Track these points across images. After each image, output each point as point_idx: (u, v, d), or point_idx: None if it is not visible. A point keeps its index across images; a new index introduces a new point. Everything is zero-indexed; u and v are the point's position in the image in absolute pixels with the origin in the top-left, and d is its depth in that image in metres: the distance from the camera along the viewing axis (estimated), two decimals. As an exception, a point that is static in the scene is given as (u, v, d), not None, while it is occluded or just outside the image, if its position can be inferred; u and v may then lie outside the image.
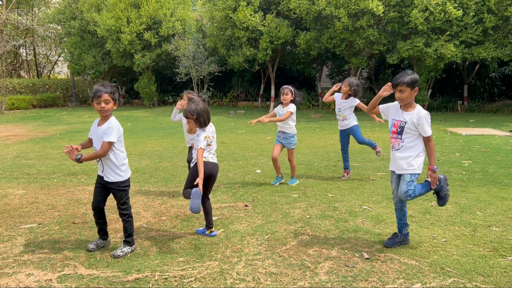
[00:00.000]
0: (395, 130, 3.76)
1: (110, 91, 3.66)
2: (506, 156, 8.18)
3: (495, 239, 4.00)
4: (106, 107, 3.64)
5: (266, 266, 3.50)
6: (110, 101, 3.66)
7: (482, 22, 14.77)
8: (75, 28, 22.84)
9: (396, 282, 3.21)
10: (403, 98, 3.66)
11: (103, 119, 3.74)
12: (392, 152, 3.83)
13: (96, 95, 3.64)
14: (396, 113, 3.81)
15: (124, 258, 3.71)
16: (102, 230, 3.97)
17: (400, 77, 3.65)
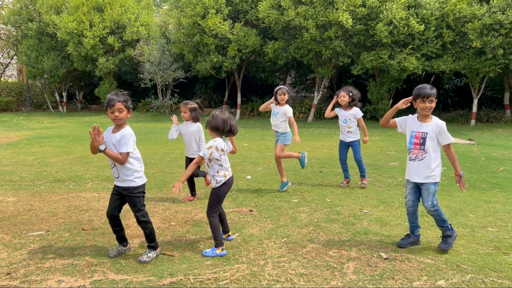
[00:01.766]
0: (417, 142, 3.98)
1: (123, 99, 3.68)
2: (474, 162, 8.75)
3: (494, 239, 4.33)
4: (120, 116, 3.66)
5: (294, 268, 3.63)
6: (123, 109, 3.67)
7: (441, 36, 15.66)
8: (33, 30, 22.01)
9: (421, 279, 3.42)
10: (431, 108, 3.90)
11: (118, 127, 3.74)
12: (413, 163, 4.03)
13: (110, 104, 3.65)
14: (415, 125, 4.03)
15: (150, 263, 3.71)
16: (120, 237, 3.95)
17: (428, 89, 3.88)
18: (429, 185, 3.97)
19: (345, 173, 6.74)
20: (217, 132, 4.01)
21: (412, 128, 4.03)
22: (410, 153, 4.07)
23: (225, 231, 4.30)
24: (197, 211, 5.27)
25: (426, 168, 3.96)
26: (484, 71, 15.45)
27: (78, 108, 25.51)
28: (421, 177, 3.99)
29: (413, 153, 4.04)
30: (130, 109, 3.75)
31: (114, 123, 3.72)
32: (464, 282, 3.38)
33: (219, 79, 22.00)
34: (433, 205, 3.94)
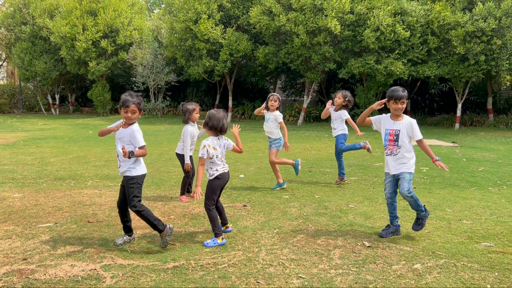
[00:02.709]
0: (391, 139, 4.40)
1: (137, 102, 4.04)
2: (456, 163, 9.21)
3: (468, 230, 4.74)
4: (132, 117, 4.05)
5: (286, 254, 4.00)
6: (136, 111, 4.05)
7: (426, 43, 16.22)
8: (26, 33, 22.20)
9: (400, 263, 3.81)
10: (403, 108, 4.32)
11: (126, 125, 4.11)
12: (389, 157, 4.45)
13: (125, 104, 4.00)
14: (388, 123, 4.47)
15: (155, 250, 4.05)
16: (126, 227, 4.27)
17: (400, 91, 4.31)
18: (404, 174, 4.37)
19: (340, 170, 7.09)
20: (215, 131, 4.38)
21: (386, 126, 4.46)
22: (386, 149, 4.48)
23: (224, 223, 4.64)
24: (194, 206, 5.62)
25: (401, 161, 4.38)
26: (467, 76, 16.03)
27: (70, 111, 25.68)
28: (397, 169, 4.40)
29: (388, 148, 4.46)
30: (141, 110, 4.11)
31: (126, 122, 4.09)
32: (438, 265, 3.78)
33: (211, 83, 22.36)
34: (409, 191, 4.31)
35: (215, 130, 4.39)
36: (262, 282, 3.40)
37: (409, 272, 3.63)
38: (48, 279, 3.42)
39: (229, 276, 3.51)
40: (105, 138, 13.03)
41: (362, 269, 3.67)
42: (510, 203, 5.90)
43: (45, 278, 3.43)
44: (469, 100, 20.02)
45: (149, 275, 3.51)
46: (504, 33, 15.14)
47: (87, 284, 3.34)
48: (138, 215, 4.09)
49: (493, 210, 5.53)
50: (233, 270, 3.63)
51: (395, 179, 4.49)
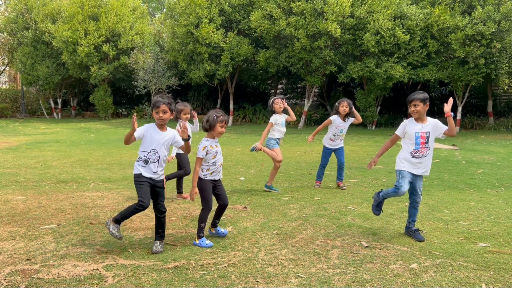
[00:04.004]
0: (423, 141, 4.44)
1: (168, 102, 4.12)
2: (455, 166, 9.27)
3: (465, 231, 4.81)
4: (164, 117, 4.10)
5: (285, 254, 4.06)
6: (167, 111, 4.11)
7: (426, 46, 16.31)
8: (28, 38, 22.37)
9: (397, 263, 3.88)
10: (417, 111, 4.40)
11: (162, 127, 4.19)
12: (420, 159, 4.47)
13: (156, 105, 4.10)
14: (417, 127, 4.48)
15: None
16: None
17: (413, 94, 4.44)
18: (421, 178, 4.56)
19: (321, 176, 7.19)
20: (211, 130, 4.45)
21: (416, 130, 4.47)
22: (418, 152, 4.46)
23: (213, 223, 4.64)
24: (195, 208, 5.69)
25: (429, 163, 4.52)
26: (467, 79, 16.11)
27: (72, 115, 25.81)
28: (427, 171, 4.53)
29: (420, 151, 4.46)
30: (173, 111, 4.18)
31: (158, 122, 4.17)
32: (434, 265, 3.84)
33: (212, 87, 22.48)
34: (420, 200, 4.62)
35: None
36: (261, 281, 3.47)
37: (406, 271, 3.69)
38: (51, 278, 3.49)
39: (229, 275, 3.57)
40: (107, 142, 13.13)
41: (359, 269, 3.74)
42: (507, 205, 5.96)
43: (48, 277, 3.50)
44: (470, 103, 20.09)
45: (150, 274, 3.58)
46: (503, 36, 15.23)
47: (90, 284, 3.41)
48: (164, 215, 4.22)
49: (490, 212, 5.59)
50: (232, 269, 3.70)
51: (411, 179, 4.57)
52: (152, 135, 4.15)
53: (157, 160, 4.14)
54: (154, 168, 4.14)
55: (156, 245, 4.14)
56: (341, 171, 7.06)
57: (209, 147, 4.36)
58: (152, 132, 4.16)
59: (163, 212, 4.21)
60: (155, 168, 4.15)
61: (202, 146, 4.35)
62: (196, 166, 4.36)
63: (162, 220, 4.22)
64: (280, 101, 6.67)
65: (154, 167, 4.14)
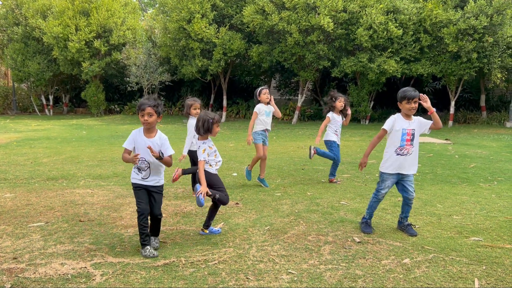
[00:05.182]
0: (409, 138, 4.39)
1: (153, 104, 3.88)
2: (448, 160, 9.26)
3: (457, 225, 4.78)
4: (150, 120, 3.87)
5: (276, 250, 4.02)
6: (153, 114, 3.87)
7: (419, 41, 16.29)
8: (19, 34, 22.11)
9: (389, 258, 3.84)
10: (416, 108, 4.35)
11: (148, 130, 3.96)
12: (404, 157, 4.41)
13: (141, 108, 3.88)
14: (404, 123, 4.42)
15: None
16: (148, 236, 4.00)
17: (411, 91, 4.35)
18: (410, 176, 4.50)
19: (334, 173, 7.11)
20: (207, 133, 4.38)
21: (403, 126, 4.41)
22: (403, 149, 4.41)
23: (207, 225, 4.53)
24: (186, 205, 5.63)
25: (415, 161, 4.45)
26: (460, 74, 16.11)
27: (64, 111, 25.60)
28: (413, 169, 4.47)
29: (405, 149, 4.40)
30: (160, 114, 3.94)
31: (145, 126, 3.95)
32: (426, 260, 3.81)
33: (205, 82, 22.35)
34: (413, 197, 4.55)
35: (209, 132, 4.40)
36: (251, 278, 3.42)
37: (398, 266, 3.66)
38: (38, 277, 3.42)
39: (219, 272, 3.52)
40: (99, 139, 13.02)
41: (351, 264, 3.70)
42: (500, 199, 5.95)
43: (35, 276, 3.44)
44: (463, 98, 20.11)
45: (139, 272, 3.52)
46: (495, 30, 15.23)
47: (77, 282, 3.34)
48: (159, 221, 4.14)
49: (483, 206, 5.57)
50: (223, 266, 3.65)
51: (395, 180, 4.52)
52: (139, 142, 3.96)
53: (148, 167, 3.98)
54: (145, 175, 3.99)
55: (152, 242, 4.06)
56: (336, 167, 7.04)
57: (208, 148, 4.35)
58: (138, 139, 3.97)
59: (158, 217, 4.10)
60: (146, 175, 3.99)
61: (202, 149, 4.33)
62: (200, 168, 4.28)
63: (157, 225, 4.15)
64: (267, 91, 6.58)
65: (146, 174, 3.99)
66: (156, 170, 4.02)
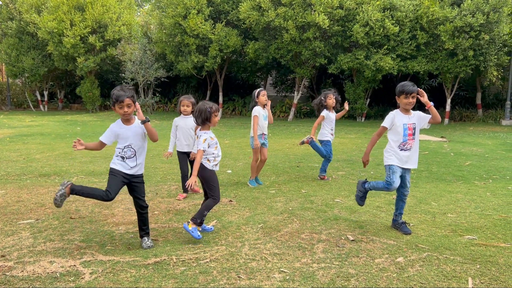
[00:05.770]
0: (411, 133, 4.35)
1: (131, 95, 3.85)
2: (443, 157, 9.24)
3: (452, 223, 4.75)
4: (129, 111, 3.86)
5: (269, 248, 3.97)
6: (132, 104, 3.86)
7: (415, 38, 16.26)
8: (13, 29, 21.93)
9: (383, 257, 3.80)
10: (413, 103, 4.31)
11: (128, 121, 3.95)
12: (407, 152, 4.37)
13: (119, 100, 3.80)
14: (404, 119, 4.38)
15: (137, 246, 4.00)
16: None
17: (410, 86, 4.29)
18: (409, 171, 4.49)
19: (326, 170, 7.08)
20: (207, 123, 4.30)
21: (404, 121, 4.36)
22: (406, 144, 4.37)
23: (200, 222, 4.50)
24: (179, 202, 5.58)
25: (417, 155, 4.44)
26: (456, 71, 16.11)
27: (59, 107, 25.45)
28: (415, 163, 4.44)
29: (408, 143, 4.37)
30: (135, 103, 3.93)
31: (124, 118, 3.92)
32: (420, 259, 3.77)
33: (201, 79, 22.27)
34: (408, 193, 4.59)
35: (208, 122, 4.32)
36: (243, 277, 3.37)
37: (392, 265, 3.62)
38: (26, 276, 3.36)
39: (211, 271, 3.47)
40: (93, 135, 12.93)
41: (344, 263, 3.65)
42: (495, 197, 5.93)
43: (22, 275, 3.38)
44: (459, 95, 20.12)
45: (129, 271, 3.46)
46: (492, 28, 15.22)
47: (65, 281, 3.28)
48: (146, 210, 4.06)
49: (478, 204, 5.54)
50: (214, 265, 3.60)
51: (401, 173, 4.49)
52: (123, 133, 3.93)
53: (134, 155, 3.96)
54: (131, 163, 3.96)
55: (145, 241, 4.00)
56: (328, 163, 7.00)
57: (210, 139, 4.26)
58: (121, 131, 3.94)
59: (144, 207, 4.05)
60: (132, 163, 3.97)
61: (203, 139, 4.22)
62: (198, 157, 4.19)
63: (145, 216, 4.07)
64: (266, 93, 6.51)
65: (131, 162, 3.97)
66: (141, 158, 3.99)
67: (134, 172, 3.99)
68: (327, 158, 6.93)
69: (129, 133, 3.94)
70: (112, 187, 3.90)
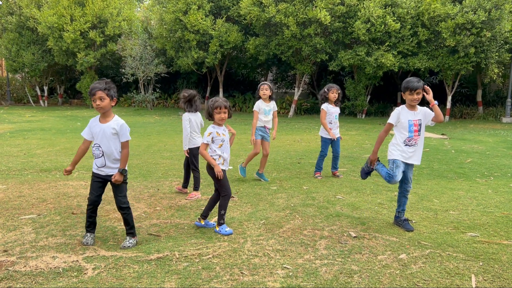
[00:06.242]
0: (416, 129, 4.35)
1: (104, 87, 3.69)
2: (444, 155, 9.24)
3: (454, 220, 4.75)
4: (102, 104, 3.70)
5: (272, 245, 3.96)
6: (105, 97, 3.69)
7: (416, 35, 16.22)
8: (13, 24, 21.87)
9: (385, 253, 3.80)
10: (419, 99, 4.28)
11: (104, 116, 3.80)
12: (413, 148, 4.38)
13: (91, 92, 3.69)
14: (409, 115, 4.37)
15: (139, 242, 3.99)
16: (93, 224, 3.99)
17: (415, 82, 4.26)
18: (412, 167, 4.51)
19: (321, 167, 7.03)
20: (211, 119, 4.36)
21: (409, 117, 4.35)
22: (411, 140, 4.37)
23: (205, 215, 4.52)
24: (181, 198, 5.57)
25: (421, 151, 4.45)
26: (457, 68, 16.08)
27: (59, 103, 25.41)
28: (419, 159, 4.44)
29: (414, 139, 4.37)
30: (113, 98, 3.77)
31: (97, 111, 3.79)
32: (423, 255, 3.77)
33: (201, 75, 22.23)
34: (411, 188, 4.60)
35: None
36: (246, 273, 3.37)
37: (395, 262, 3.61)
38: (28, 271, 3.35)
39: (213, 267, 3.47)
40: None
41: (347, 260, 3.65)
42: (496, 194, 5.92)
43: (25, 270, 3.37)
44: (459, 93, 20.11)
45: (132, 266, 3.46)
46: (493, 25, 15.18)
47: (68, 276, 3.28)
48: (126, 211, 3.89)
49: (479, 201, 5.54)
50: (217, 261, 3.59)
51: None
52: (94, 130, 3.82)
53: (101, 155, 3.81)
54: (98, 162, 3.85)
55: (125, 241, 3.90)
56: (336, 160, 6.99)
57: (215, 133, 4.28)
58: (93, 127, 3.84)
59: (123, 208, 3.88)
60: (99, 163, 3.84)
61: (208, 132, 4.25)
62: (202, 150, 4.24)
63: (125, 216, 3.92)
64: (266, 87, 6.46)
65: (98, 162, 3.84)
66: (110, 159, 3.81)
67: (104, 173, 3.84)
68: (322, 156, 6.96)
69: (99, 130, 3.80)
70: (92, 188, 3.91)
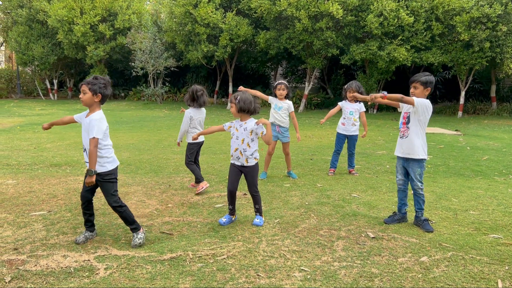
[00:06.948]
0: (404, 121, 4.42)
1: (88, 81, 3.65)
2: (460, 152, 9.04)
3: (475, 221, 4.59)
4: (83, 98, 3.65)
5: (287, 245, 3.85)
6: (87, 92, 3.63)
7: (430, 29, 15.92)
8: (23, 17, 21.86)
9: (406, 256, 3.66)
10: (414, 93, 4.23)
11: (89, 110, 3.74)
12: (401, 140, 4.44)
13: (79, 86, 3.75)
14: (406, 107, 4.46)
15: (151, 240, 3.89)
16: (89, 222, 3.91)
17: (415, 76, 4.33)
18: (413, 163, 4.35)
19: (335, 163, 6.89)
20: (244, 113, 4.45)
21: (404, 110, 4.46)
22: (400, 132, 4.45)
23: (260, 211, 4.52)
24: (193, 194, 5.46)
25: (411, 145, 4.32)
26: (471, 63, 15.77)
27: (68, 96, 25.45)
28: (411, 153, 4.34)
29: (401, 131, 4.44)
30: (97, 93, 3.65)
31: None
32: (445, 258, 3.63)
33: (211, 69, 22.09)
34: (419, 187, 4.36)
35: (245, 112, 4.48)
36: (262, 275, 3.26)
37: (416, 265, 3.48)
38: (39, 270, 3.27)
39: (228, 268, 3.36)
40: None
41: (366, 262, 3.52)
42: (517, 193, 5.75)
43: (36, 269, 3.29)
44: (473, 88, 19.78)
45: (144, 266, 3.36)
46: (510, 19, 14.84)
47: (80, 276, 3.19)
48: (117, 210, 3.75)
49: (500, 200, 5.37)
50: (232, 262, 3.48)
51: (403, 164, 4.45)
52: (82, 120, 3.78)
53: (84, 150, 3.77)
54: (85, 157, 3.80)
55: (133, 239, 3.79)
56: (350, 158, 6.85)
57: (233, 127, 4.52)
58: (82, 117, 3.80)
59: (115, 207, 3.74)
60: (85, 158, 3.78)
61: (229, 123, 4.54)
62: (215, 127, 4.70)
63: (120, 215, 3.78)
64: (283, 87, 6.32)
65: (85, 157, 3.80)
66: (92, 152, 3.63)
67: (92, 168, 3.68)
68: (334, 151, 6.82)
69: (83, 124, 3.74)
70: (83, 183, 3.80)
